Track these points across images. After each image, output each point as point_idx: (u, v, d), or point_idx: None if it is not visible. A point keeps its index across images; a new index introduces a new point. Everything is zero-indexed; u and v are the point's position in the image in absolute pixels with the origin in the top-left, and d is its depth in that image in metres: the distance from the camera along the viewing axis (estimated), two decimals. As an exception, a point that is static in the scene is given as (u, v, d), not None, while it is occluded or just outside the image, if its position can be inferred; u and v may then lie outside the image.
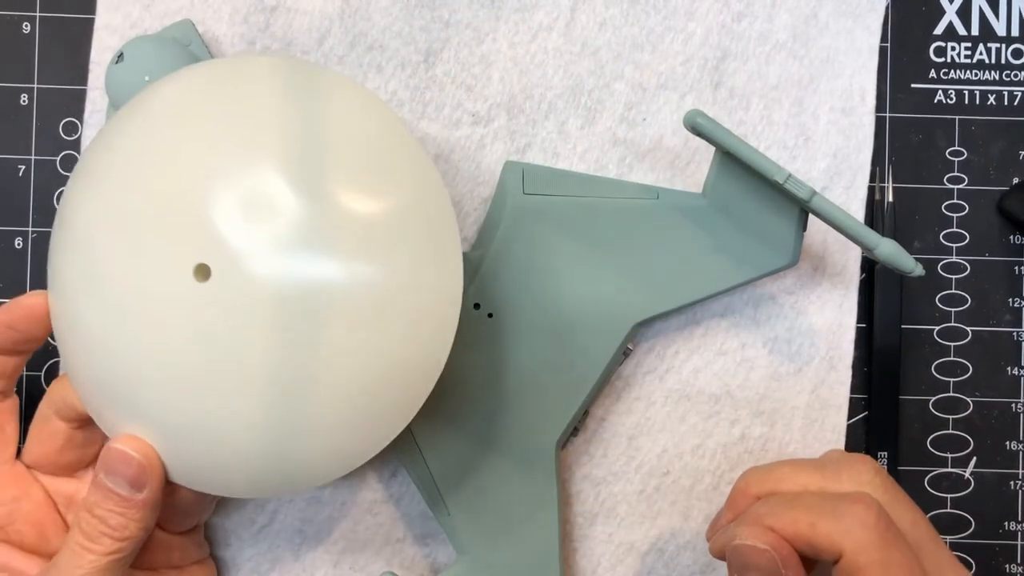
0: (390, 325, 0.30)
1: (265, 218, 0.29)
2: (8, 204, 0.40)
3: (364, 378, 0.30)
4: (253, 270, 0.29)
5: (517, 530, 0.37)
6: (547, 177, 0.38)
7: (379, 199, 0.31)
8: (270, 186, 0.29)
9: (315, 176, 0.30)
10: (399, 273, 0.31)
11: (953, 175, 0.42)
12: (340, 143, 0.31)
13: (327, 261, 0.29)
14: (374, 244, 0.30)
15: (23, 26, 0.41)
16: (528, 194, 0.38)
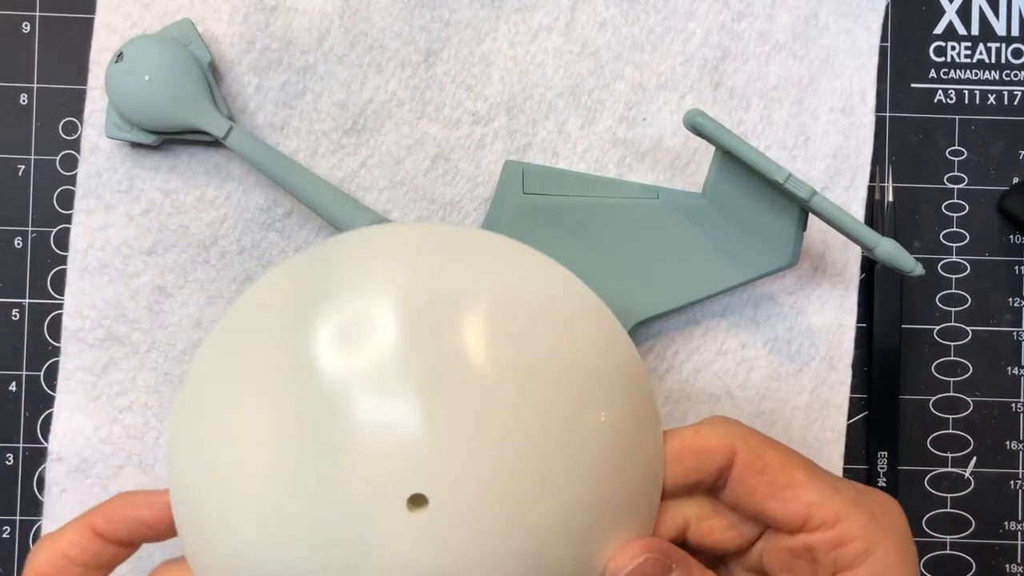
0: None
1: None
2: (8, 204, 0.40)
3: None
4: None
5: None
6: (547, 177, 0.38)
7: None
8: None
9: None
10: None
11: (953, 175, 0.42)
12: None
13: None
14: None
15: (23, 25, 0.41)
16: (528, 194, 0.38)
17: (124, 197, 0.40)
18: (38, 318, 0.40)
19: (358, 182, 0.40)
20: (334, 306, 0.28)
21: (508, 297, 0.29)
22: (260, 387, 0.28)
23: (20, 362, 0.40)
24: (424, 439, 0.27)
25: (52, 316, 0.40)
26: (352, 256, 0.29)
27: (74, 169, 0.40)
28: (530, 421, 0.28)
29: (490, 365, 0.28)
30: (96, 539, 0.30)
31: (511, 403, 0.28)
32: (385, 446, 0.27)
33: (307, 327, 0.28)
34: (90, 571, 0.30)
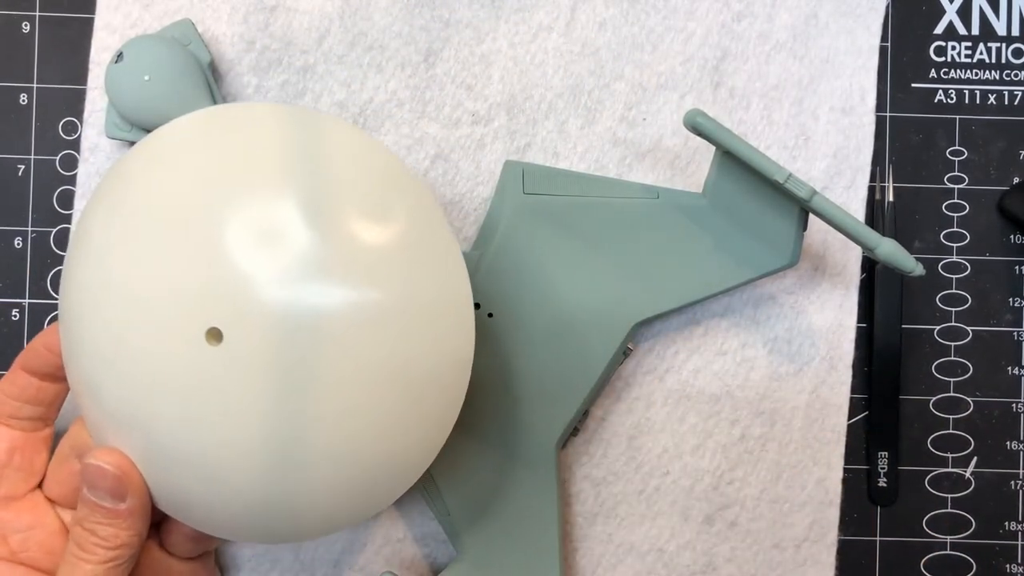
0: (396, 350, 0.30)
1: (275, 250, 0.29)
2: (7, 204, 0.40)
3: (368, 412, 0.30)
4: (261, 297, 0.28)
5: (517, 530, 0.37)
6: (547, 177, 0.38)
7: (382, 228, 0.30)
8: (279, 221, 0.29)
9: (322, 210, 0.30)
10: (403, 299, 0.30)
11: (953, 175, 0.42)
12: (343, 177, 0.31)
13: (333, 289, 0.29)
14: (379, 271, 0.30)
15: (23, 25, 0.41)
16: (528, 194, 0.38)
17: (124, 197, 0.40)
18: (38, 318, 0.40)
19: (358, 182, 0.40)
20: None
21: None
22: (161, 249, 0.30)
23: (20, 362, 0.40)
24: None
25: (52, 316, 0.40)
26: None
27: (74, 169, 0.40)
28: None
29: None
30: (21, 373, 0.35)
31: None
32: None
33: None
34: (23, 406, 0.35)
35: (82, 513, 0.32)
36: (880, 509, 0.41)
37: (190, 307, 0.29)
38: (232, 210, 0.29)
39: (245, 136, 0.31)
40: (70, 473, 0.35)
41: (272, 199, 0.30)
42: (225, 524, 0.32)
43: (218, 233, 0.29)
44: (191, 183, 0.30)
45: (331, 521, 0.32)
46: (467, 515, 0.37)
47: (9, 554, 0.35)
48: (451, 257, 0.33)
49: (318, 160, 0.31)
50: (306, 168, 0.30)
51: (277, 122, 0.32)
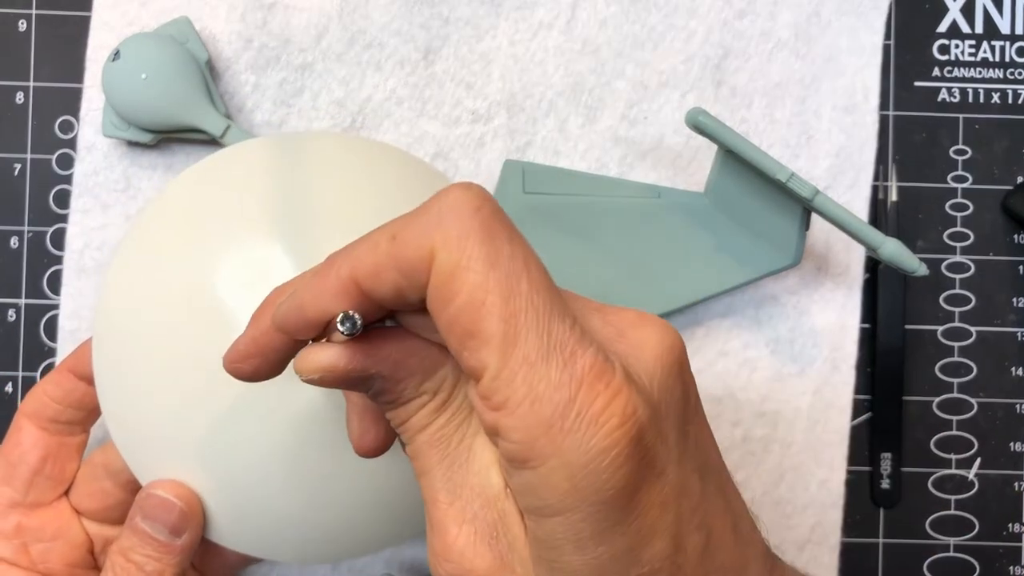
0: None
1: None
2: (3, 203, 0.40)
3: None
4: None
5: None
6: (547, 176, 0.38)
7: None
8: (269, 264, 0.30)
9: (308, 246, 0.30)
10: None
11: (957, 174, 0.41)
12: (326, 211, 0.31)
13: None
14: None
15: (19, 23, 0.40)
16: (528, 193, 0.38)
17: (121, 196, 0.39)
18: (34, 319, 0.40)
19: (357, 181, 0.40)
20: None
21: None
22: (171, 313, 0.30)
23: (16, 363, 0.40)
24: None
25: (48, 316, 0.40)
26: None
27: (70, 168, 0.40)
28: None
29: None
30: (69, 376, 0.34)
31: None
32: None
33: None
34: (66, 409, 0.34)
35: (129, 543, 0.31)
36: (883, 511, 0.41)
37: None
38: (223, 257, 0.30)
39: (235, 190, 0.32)
40: (102, 491, 0.34)
41: (261, 246, 0.30)
42: (278, 547, 0.32)
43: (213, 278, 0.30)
44: (191, 231, 0.31)
45: (381, 523, 0.32)
46: None
47: (29, 564, 0.33)
48: None
49: (306, 205, 0.31)
50: (293, 213, 0.31)
51: (265, 169, 0.32)
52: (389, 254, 0.22)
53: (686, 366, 0.23)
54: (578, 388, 0.20)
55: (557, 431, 0.20)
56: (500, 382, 0.21)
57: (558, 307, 0.21)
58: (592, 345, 0.21)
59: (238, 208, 0.31)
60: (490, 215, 0.22)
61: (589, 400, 0.20)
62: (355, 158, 0.33)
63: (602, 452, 0.20)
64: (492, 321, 0.21)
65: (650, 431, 0.21)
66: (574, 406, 0.20)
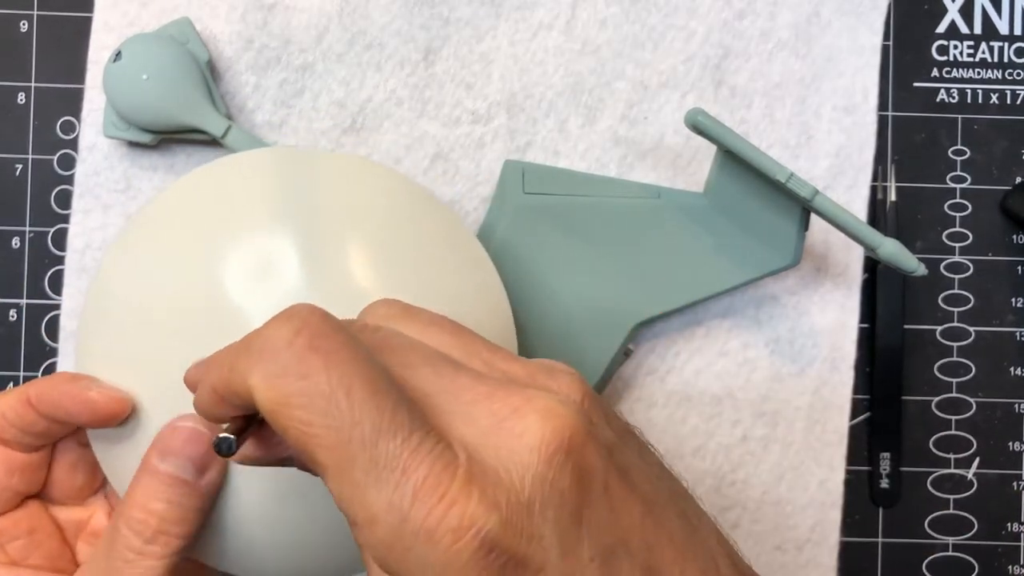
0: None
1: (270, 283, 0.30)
2: (5, 203, 0.40)
3: None
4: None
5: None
6: (547, 176, 0.38)
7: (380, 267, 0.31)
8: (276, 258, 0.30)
9: (316, 249, 0.31)
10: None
11: (956, 174, 0.42)
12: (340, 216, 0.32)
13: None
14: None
15: (20, 24, 0.41)
16: (528, 193, 0.38)
17: (121, 197, 0.39)
18: (35, 319, 0.40)
19: (357, 181, 0.40)
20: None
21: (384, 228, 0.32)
22: (169, 309, 0.30)
23: (18, 363, 0.40)
24: None
25: (49, 316, 0.40)
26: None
27: (72, 168, 0.40)
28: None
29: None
30: (29, 408, 0.31)
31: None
32: None
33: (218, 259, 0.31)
34: (26, 435, 0.31)
35: (146, 493, 0.28)
36: (882, 510, 0.41)
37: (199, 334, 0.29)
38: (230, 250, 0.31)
39: (241, 185, 0.32)
40: (61, 455, 0.33)
41: (268, 239, 0.31)
42: (262, 565, 0.31)
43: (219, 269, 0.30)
44: (195, 228, 0.32)
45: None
46: None
47: (9, 561, 0.32)
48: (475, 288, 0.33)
49: (314, 200, 0.32)
50: (301, 208, 0.31)
51: (277, 172, 0.32)
52: (228, 384, 0.22)
53: (578, 449, 0.21)
54: (410, 505, 0.20)
55: (399, 551, 0.20)
56: (343, 504, 0.21)
57: (389, 423, 0.21)
58: (431, 454, 0.20)
59: (241, 210, 0.31)
60: (305, 345, 0.21)
61: (421, 516, 0.20)
62: (362, 175, 0.33)
63: (446, 568, 0.20)
64: (321, 453, 0.21)
65: (505, 535, 0.20)
66: (407, 525, 0.20)
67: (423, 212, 0.33)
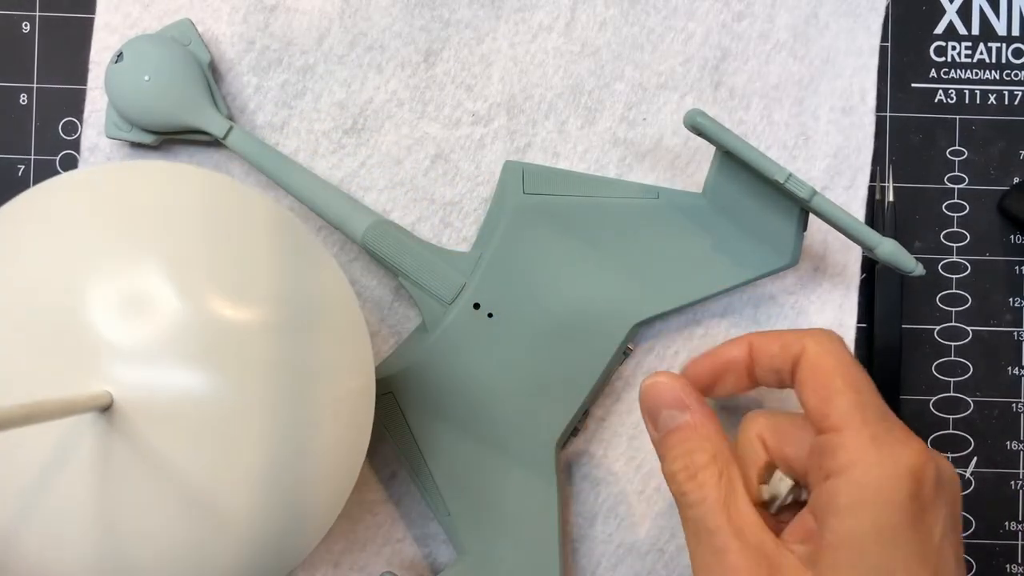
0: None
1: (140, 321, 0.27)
2: (7, 204, 0.40)
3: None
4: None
5: (516, 530, 0.37)
6: (547, 177, 0.38)
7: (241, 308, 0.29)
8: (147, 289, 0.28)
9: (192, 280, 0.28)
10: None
11: (953, 175, 0.42)
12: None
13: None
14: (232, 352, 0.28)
15: (22, 25, 0.41)
16: (528, 194, 0.38)
17: (124, 197, 0.40)
18: (38, 318, 0.40)
19: (358, 182, 0.40)
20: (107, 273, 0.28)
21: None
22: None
23: (20, 362, 0.40)
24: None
25: None
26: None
27: (74, 169, 0.40)
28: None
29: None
30: None
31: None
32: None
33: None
34: None
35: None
36: (880, 509, 0.41)
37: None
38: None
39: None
40: None
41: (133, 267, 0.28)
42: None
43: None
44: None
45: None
46: (467, 515, 0.37)
47: None
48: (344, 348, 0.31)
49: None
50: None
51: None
52: (771, 343, 0.33)
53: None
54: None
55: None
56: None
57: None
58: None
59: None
60: (840, 340, 0.32)
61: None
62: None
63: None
64: (842, 399, 0.30)
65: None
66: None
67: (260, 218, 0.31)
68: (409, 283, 0.38)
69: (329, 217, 0.38)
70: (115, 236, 0.28)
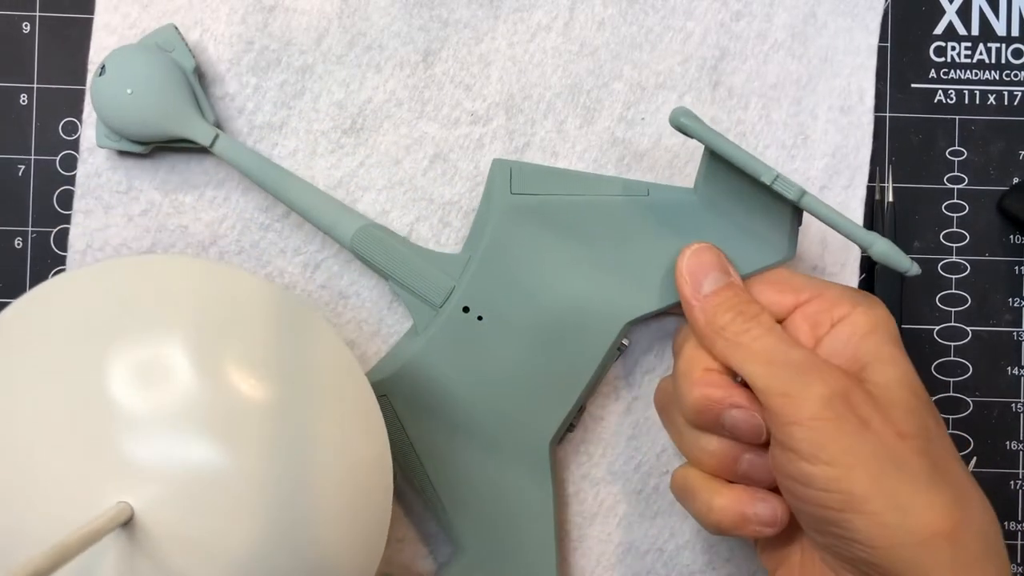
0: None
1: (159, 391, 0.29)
2: (7, 204, 0.41)
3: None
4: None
5: (514, 528, 0.37)
6: (534, 175, 0.38)
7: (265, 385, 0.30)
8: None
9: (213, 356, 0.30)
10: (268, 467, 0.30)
11: (953, 175, 0.42)
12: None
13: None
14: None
15: (23, 26, 0.41)
16: (516, 194, 0.38)
17: (123, 198, 0.40)
18: (37, 318, 0.40)
19: (356, 182, 0.40)
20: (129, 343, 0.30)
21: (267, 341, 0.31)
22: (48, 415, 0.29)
23: (19, 362, 0.40)
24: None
25: None
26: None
27: (74, 169, 0.40)
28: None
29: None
30: None
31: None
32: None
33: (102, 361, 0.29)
34: None
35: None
36: (879, 509, 0.41)
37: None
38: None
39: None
40: None
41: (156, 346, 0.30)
42: None
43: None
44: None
45: None
46: (464, 513, 0.37)
47: None
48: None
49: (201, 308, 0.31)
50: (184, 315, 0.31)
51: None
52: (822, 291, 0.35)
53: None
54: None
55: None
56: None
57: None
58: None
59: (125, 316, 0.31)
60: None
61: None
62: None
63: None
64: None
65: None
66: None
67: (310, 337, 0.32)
68: (398, 287, 0.38)
69: (318, 222, 0.38)
70: (123, 324, 0.30)
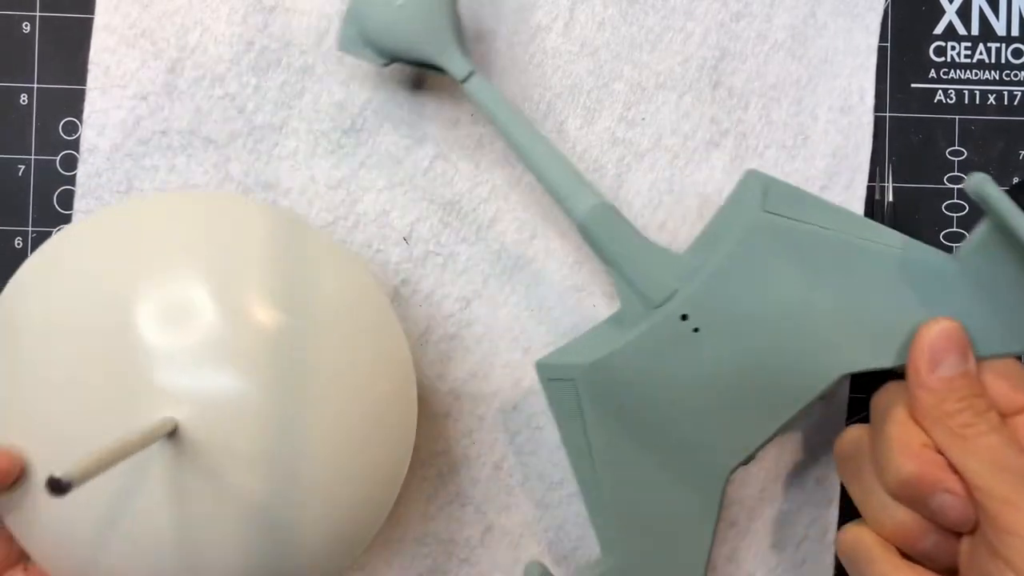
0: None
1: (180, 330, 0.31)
2: (8, 203, 0.41)
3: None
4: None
5: (669, 545, 0.36)
6: (790, 197, 0.35)
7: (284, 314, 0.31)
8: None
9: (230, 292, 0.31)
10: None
11: (953, 175, 0.42)
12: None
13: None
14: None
15: (23, 26, 0.41)
16: (768, 212, 0.34)
17: (123, 198, 0.40)
18: (38, 318, 0.40)
19: (357, 182, 0.40)
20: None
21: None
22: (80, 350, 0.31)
23: (20, 362, 0.40)
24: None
25: None
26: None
27: (74, 169, 0.40)
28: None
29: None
30: None
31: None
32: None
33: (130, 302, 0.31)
34: None
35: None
36: (879, 509, 0.41)
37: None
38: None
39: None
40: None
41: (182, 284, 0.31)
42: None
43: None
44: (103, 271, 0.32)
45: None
46: (621, 516, 0.36)
47: None
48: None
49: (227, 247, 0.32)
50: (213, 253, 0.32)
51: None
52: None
53: None
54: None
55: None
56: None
57: None
58: None
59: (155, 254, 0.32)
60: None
61: None
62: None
63: None
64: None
65: None
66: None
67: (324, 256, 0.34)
68: (618, 275, 0.36)
69: (552, 187, 0.36)
70: (150, 263, 0.32)
